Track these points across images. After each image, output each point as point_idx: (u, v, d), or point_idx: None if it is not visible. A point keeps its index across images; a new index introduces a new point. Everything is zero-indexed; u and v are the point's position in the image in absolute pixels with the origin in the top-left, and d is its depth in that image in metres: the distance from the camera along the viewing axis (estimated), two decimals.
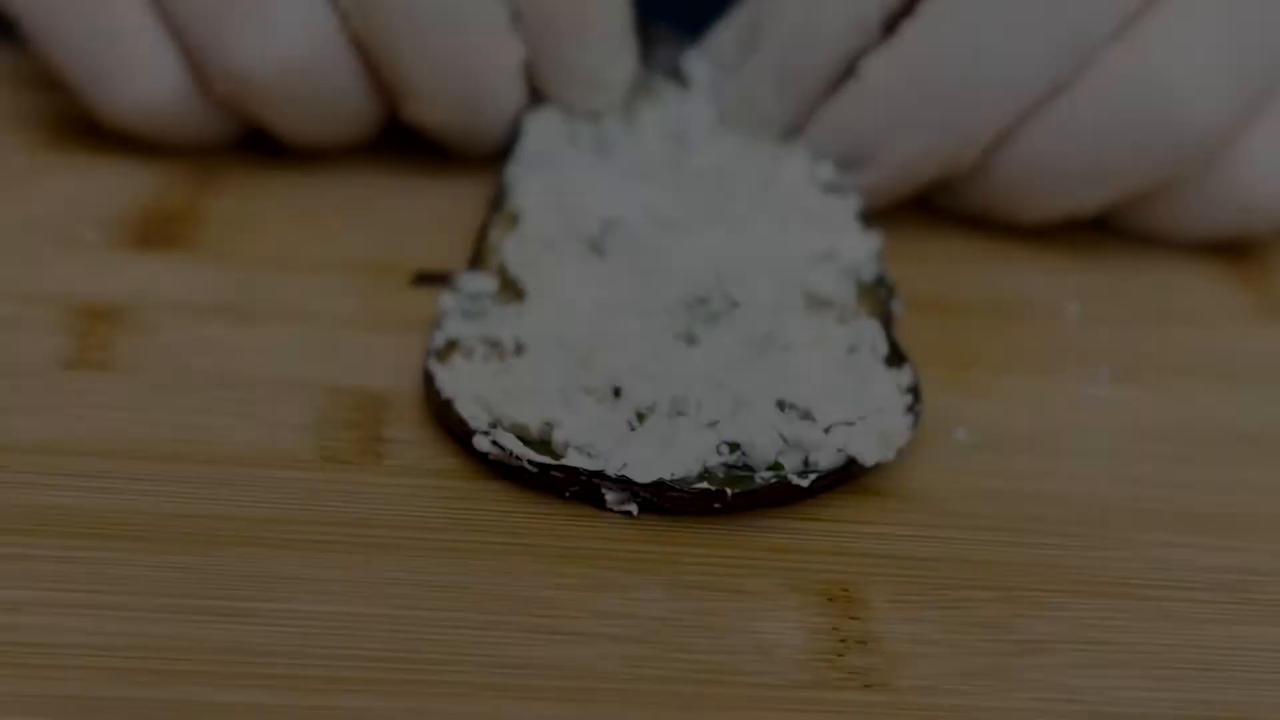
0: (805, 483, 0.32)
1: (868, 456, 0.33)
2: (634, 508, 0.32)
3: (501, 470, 0.33)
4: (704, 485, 0.32)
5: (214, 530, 0.31)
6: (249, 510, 0.31)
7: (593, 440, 0.32)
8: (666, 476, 0.32)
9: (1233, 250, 0.44)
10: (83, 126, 0.43)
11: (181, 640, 0.28)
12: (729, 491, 0.32)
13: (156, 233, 0.40)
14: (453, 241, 0.40)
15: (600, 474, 0.32)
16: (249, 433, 0.34)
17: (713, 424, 0.33)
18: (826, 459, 0.33)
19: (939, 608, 0.31)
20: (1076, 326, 0.41)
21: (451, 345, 0.35)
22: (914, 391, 0.35)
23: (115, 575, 0.29)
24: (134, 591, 0.29)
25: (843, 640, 0.30)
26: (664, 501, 0.32)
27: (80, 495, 0.31)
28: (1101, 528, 0.33)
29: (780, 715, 0.28)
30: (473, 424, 0.33)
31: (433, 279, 0.39)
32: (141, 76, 0.40)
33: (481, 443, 0.32)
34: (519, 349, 0.35)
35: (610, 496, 0.32)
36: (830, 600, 0.31)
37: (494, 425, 0.33)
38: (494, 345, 0.35)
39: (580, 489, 0.32)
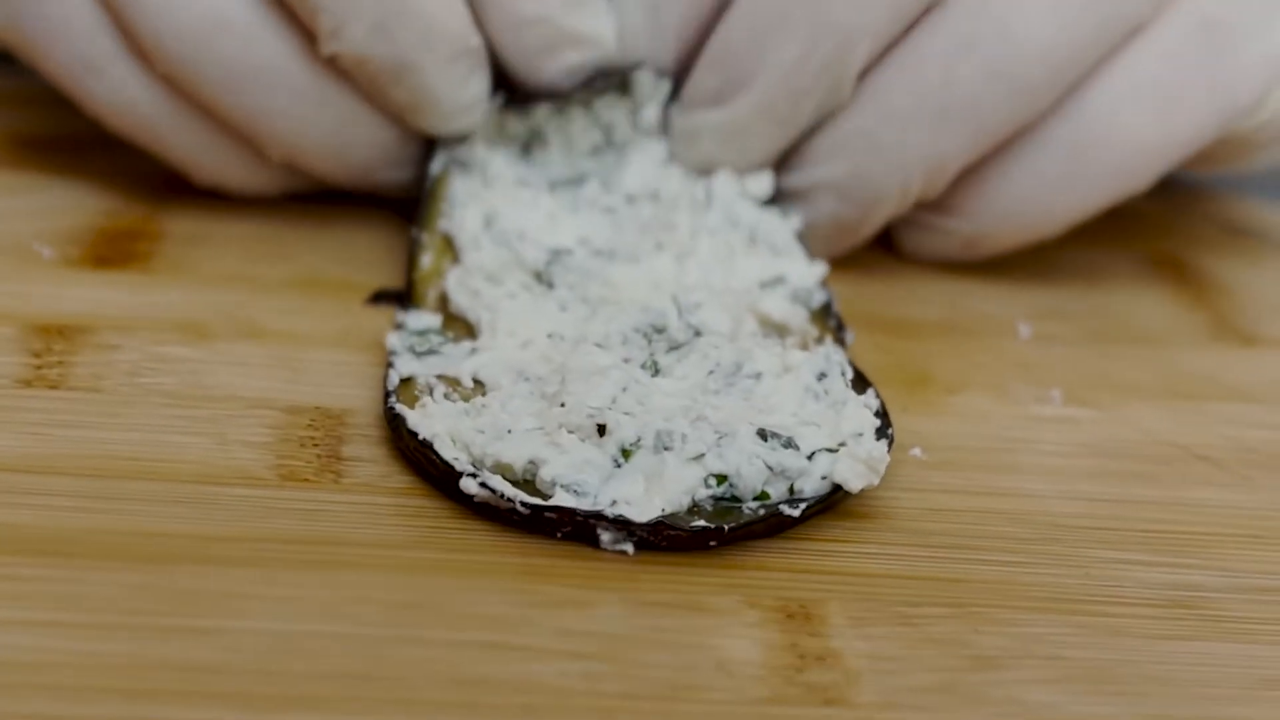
0: (797, 512, 0.32)
1: (854, 483, 0.33)
2: (630, 547, 0.32)
3: (483, 510, 0.32)
4: (701, 524, 0.32)
5: (169, 548, 0.31)
6: (205, 528, 0.31)
7: (579, 479, 0.32)
8: (660, 514, 0.32)
9: (1184, 270, 0.44)
10: (39, 145, 0.43)
11: (135, 658, 0.28)
12: (726, 528, 0.32)
13: (113, 251, 0.40)
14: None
15: (596, 514, 0.32)
16: (206, 451, 0.33)
17: (698, 457, 0.33)
18: (812, 486, 0.33)
19: (896, 624, 0.31)
20: (1029, 346, 0.41)
21: (407, 382, 0.35)
22: (882, 415, 0.35)
23: (68, 594, 0.29)
24: (87, 609, 0.29)
25: (801, 657, 0.30)
26: (661, 540, 0.32)
27: (35, 514, 0.31)
28: (1055, 545, 0.34)
29: None
30: (458, 466, 0.32)
31: (389, 297, 0.39)
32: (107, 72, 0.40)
33: (469, 485, 0.32)
34: (478, 385, 0.35)
35: (605, 537, 0.32)
36: (789, 617, 0.31)
37: (478, 466, 0.33)
38: (453, 383, 0.35)
39: (573, 530, 0.32)
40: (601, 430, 0.33)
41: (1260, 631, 0.32)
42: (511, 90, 0.41)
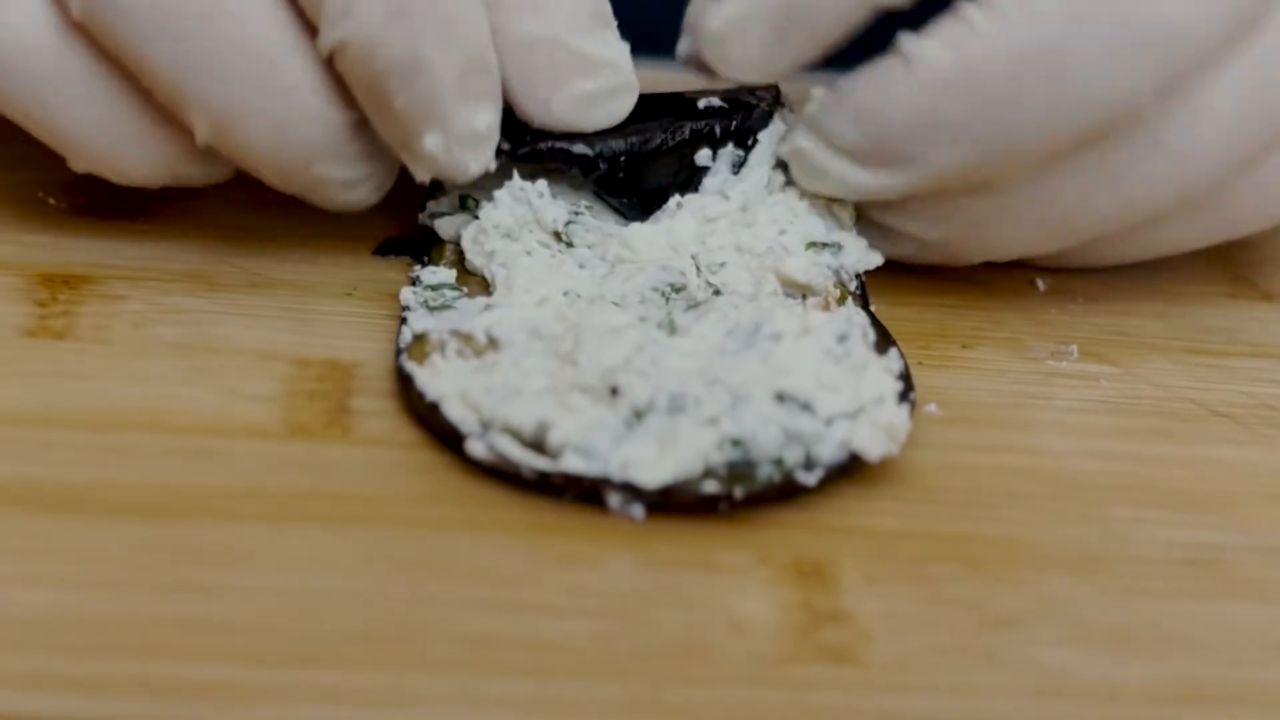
0: (813, 481, 0.32)
1: (872, 451, 0.32)
2: (639, 511, 0.31)
3: (490, 471, 0.32)
4: (710, 489, 0.31)
5: (176, 502, 0.30)
6: (214, 482, 0.31)
7: (590, 440, 0.32)
8: (670, 478, 0.31)
9: None
10: None
11: (143, 615, 0.28)
12: (736, 495, 0.31)
13: (120, 201, 0.40)
14: (417, 213, 0.40)
15: (604, 479, 0.31)
16: (214, 404, 0.33)
17: (713, 420, 0.32)
18: (829, 451, 0.32)
19: (910, 583, 0.31)
20: (1045, 300, 0.40)
21: (420, 339, 0.34)
22: (905, 377, 0.34)
23: (76, 549, 0.29)
24: (95, 565, 0.29)
25: (814, 616, 0.30)
26: (670, 505, 0.31)
27: (41, 467, 0.31)
28: (1071, 503, 0.33)
29: (752, 691, 0.28)
30: (464, 428, 0.32)
31: (398, 247, 0.39)
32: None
33: (475, 448, 0.32)
34: (492, 342, 0.34)
35: (614, 500, 0.31)
36: (802, 575, 0.30)
37: (486, 428, 0.32)
38: (466, 339, 0.34)
39: (581, 493, 0.31)
40: (614, 392, 0.32)
41: (1276, 593, 0.31)
42: (522, 142, 0.37)
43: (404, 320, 0.35)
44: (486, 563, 0.30)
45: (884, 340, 0.35)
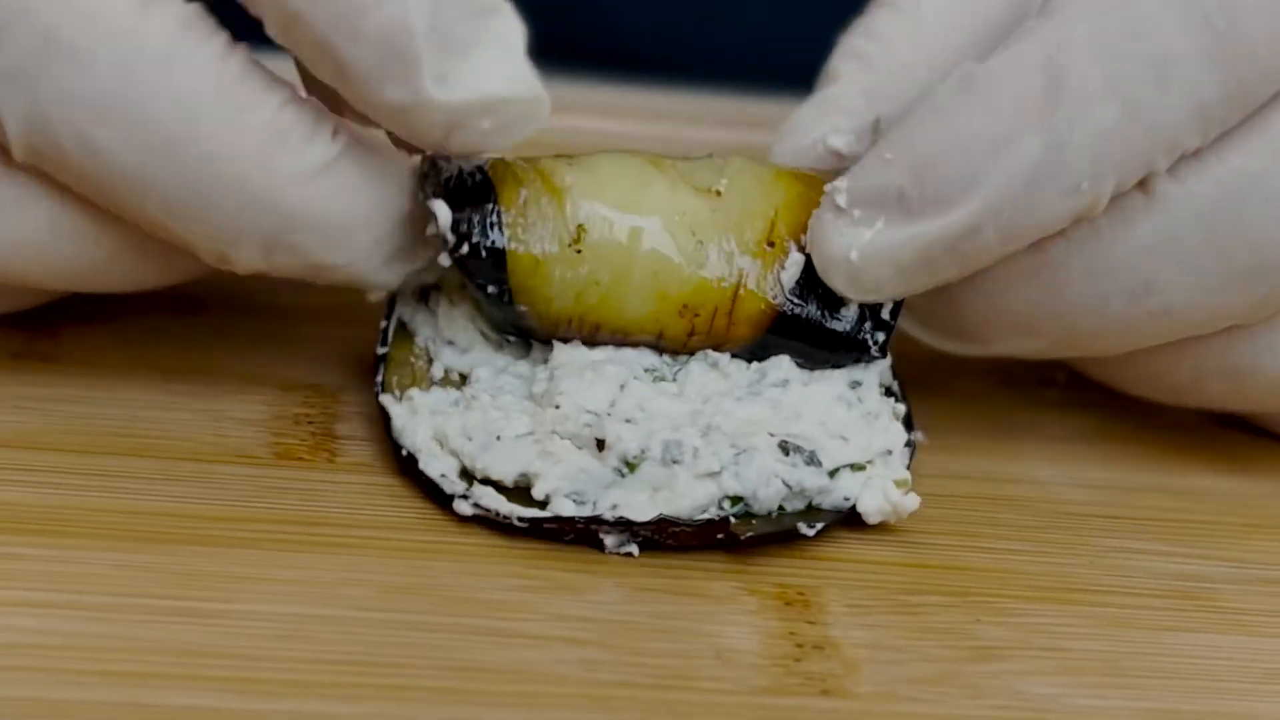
0: (812, 532, 0.31)
1: (873, 516, 0.32)
2: (634, 549, 0.31)
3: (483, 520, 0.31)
4: (707, 516, 0.31)
5: (164, 528, 0.30)
6: (201, 508, 0.31)
7: (579, 487, 0.31)
8: (668, 512, 0.31)
9: None
10: None
11: (130, 641, 0.28)
12: (732, 521, 0.31)
13: None
14: None
15: (596, 519, 0.31)
16: (200, 428, 0.33)
17: (713, 474, 0.31)
18: (831, 501, 0.32)
19: (896, 613, 0.31)
20: None
21: (403, 344, 0.34)
22: (908, 421, 0.34)
23: (64, 573, 0.29)
24: (82, 590, 0.29)
25: (800, 645, 0.30)
26: (666, 538, 0.31)
27: (28, 491, 0.31)
28: (1058, 532, 0.33)
29: None
30: (446, 488, 0.31)
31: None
32: None
33: (462, 508, 0.31)
34: (462, 378, 0.33)
35: (609, 540, 0.31)
36: (787, 604, 0.30)
37: (468, 477, 0.31)
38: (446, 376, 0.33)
39: (576, 536, 0.31)
40: (600, 445, 0.31)
41: (1267, 624, 0.32)
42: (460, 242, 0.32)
43: (378, 354, 0.34)
44: (474, 590, 0.30)
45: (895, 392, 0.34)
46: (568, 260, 0.32)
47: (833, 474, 0.32)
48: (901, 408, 0.34)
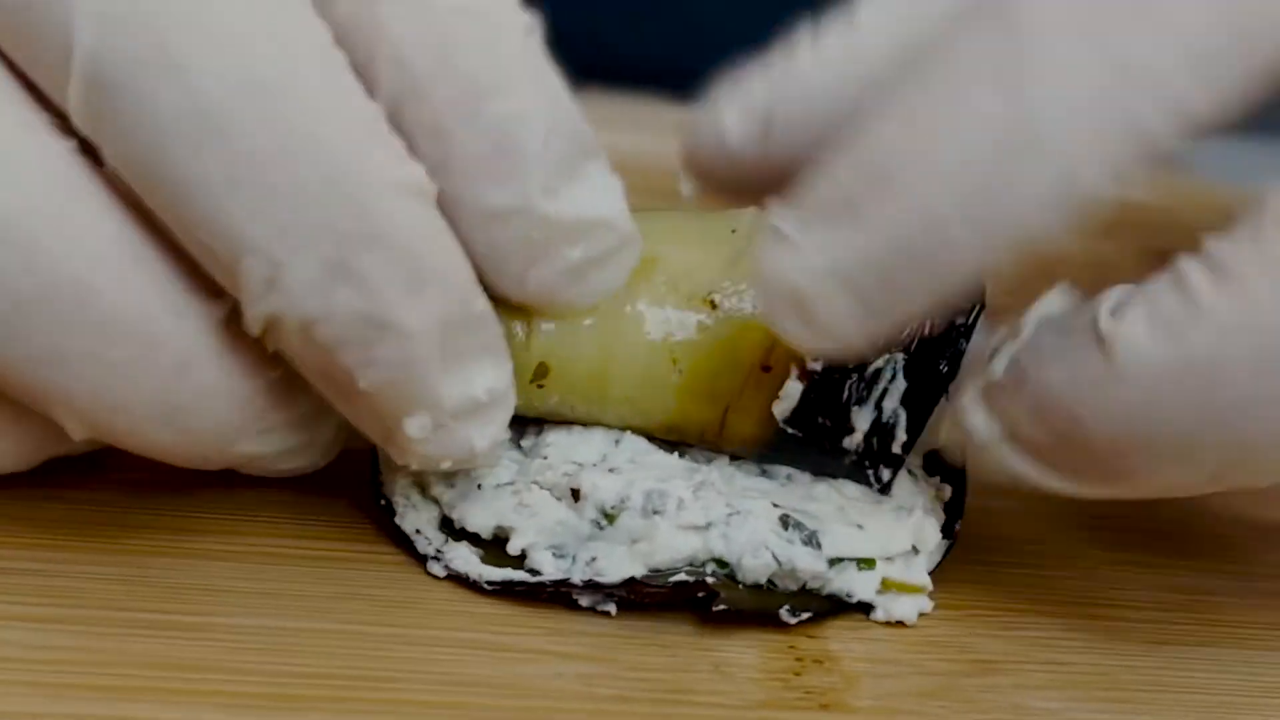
0: (794, 621, 0.30)
1: (879, 613, 0.30)
2: (612, 608, 0.29)
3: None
4: (681, 578, 0.29)
5: (156, 542, 0.30)
6: (193, 520, 0.31)
7: (558, 541, 0.29)
8: (639, 573, 0.29)
9: None
10: None
11: (117, 655, 0.27)
12: (711, 581, 0.29)
13: None
14: None
15: (564, 581, 0.29)
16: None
17: (697, 528, 0.29)
18: (830, 590, 0.30)
19: (895, 626, 0.30)
20: None
21: None
22: (955, 506, 0.31)
23: (54, 586, 0.29)
24: (67, 604, 0.28)
25: (799, 659, 0.29)
26: (641, 598, 0.29)
27: (15, 504, 0.30)
28: (1057, 545, 0.33)
29: None
30: (421, 547, 0.30)
31: None
32: None
33: (435, 569, 0.30)
34: None
35: (583, 600, 0.29)
36: None
37: (448, 526, 0.30)
38: None
39: (549, 596, 0.29)
40: (575, 495, 0.29)
41: (1268, 638, 0.31)
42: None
43: None
44: (469, 604, 0.30)
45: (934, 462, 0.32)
46: (532, 392, 0.29)
47: (833, 563, 0.29)
48: (947, 490, 0.31)
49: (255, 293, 0.26)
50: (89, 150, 0.26)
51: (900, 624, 0.30)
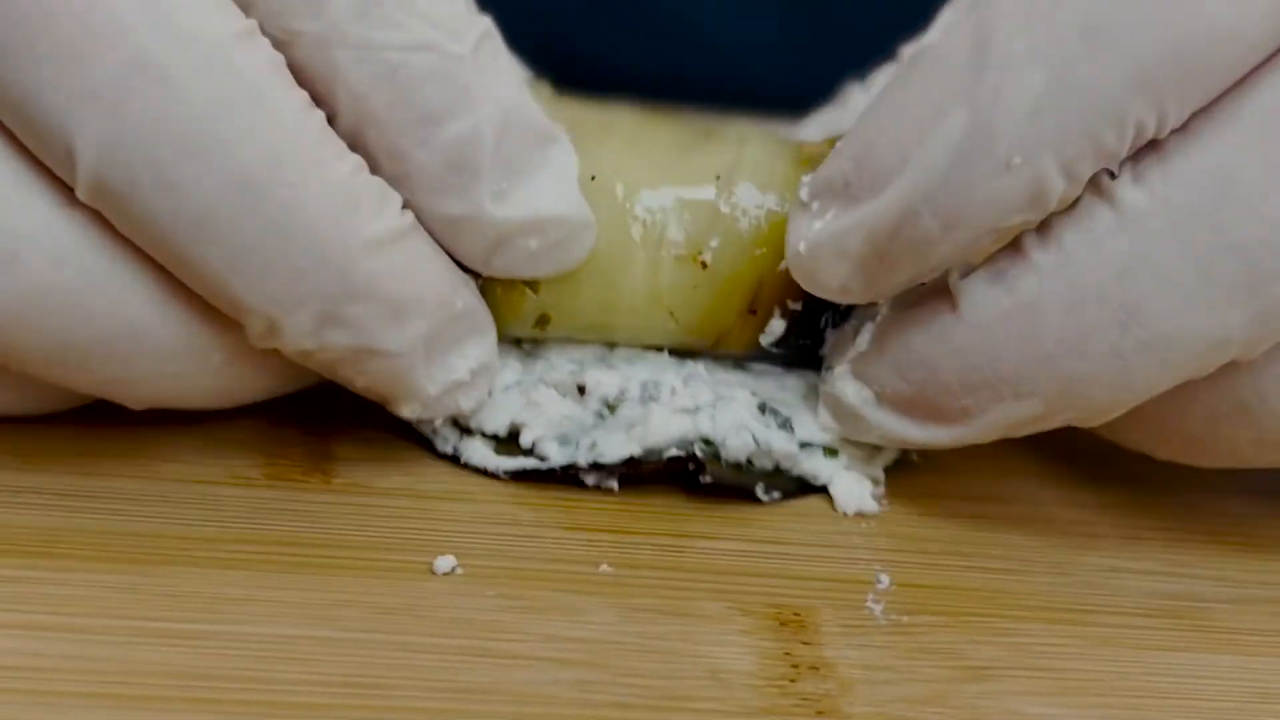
0: (768, 499, 0.33)
1: (841, 502, 0.33)
2: (614, 484, 0.33)
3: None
4: (674, 452, 0.32)
5: (157, 549, 0.30)
6: (193, 529, 0.31)
7: (564, 432, 0.33)
8: (636, 452, 0.32)
9: None
10: None
11: (119, 663, 0.28)
12: (699, 454, 0.32)
13: None
14: None
15: (571, 466, 0.33)
16: (194, 448, 0.33)
17: (688, 411, 0.33)
18: (799, 472, 0.33)
19: (890, 632, 0.31)
20: None
21: None
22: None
23: (53, 595, 0.29)
24: (72, 612, 0.28)
25: (795, 666, 0.29)
26: (638, 473, 0.33)
27: (19, 512, 0.31)
28: (1051, 551, 0.33)
29: None
30: (440, 447, 0.33)
31: None
32: None
33: (445, 445, 0.33)
34: None
35: (589, 479, 0.33)
36: (782, 624, 0.30)
37: (459, 428, 0.33)
38: None
39: (559, 478, 0.33)
40: (581, 390, 0.33)
41: (1260, 643, 0.32)
42: None
43: None
44: (466, 611, 0.30)
45: None
46: (534, 331, 0.33)
47: (803, 446, 0.33)
48: None
49: (256, 334, 0.30)
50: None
51: (896, 630, 0.31)
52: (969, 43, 0.29)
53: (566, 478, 0.33)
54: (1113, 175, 0.30)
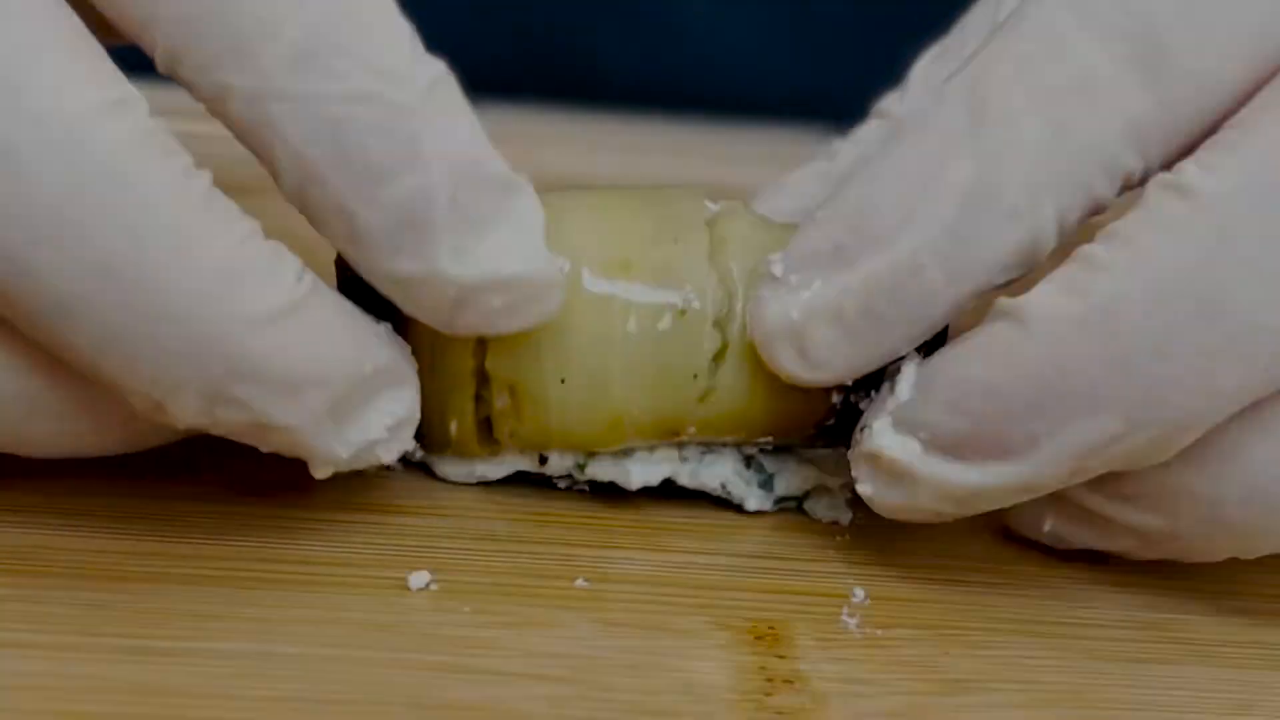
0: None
1: (823, 516, 0.34)
2: (585, 486, 0.33)
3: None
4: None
5: (135, 565, 0.30)
6: (173, 545, 0.31)
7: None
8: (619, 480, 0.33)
9: None
10: None
11: (95, 680, 0.28)
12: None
13: None
14: None
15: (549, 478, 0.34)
16: (167, 465, 0.33)
17: (671, 460, 0.33)
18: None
19: (865, 646, 0.31)
20: None
21: None
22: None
23: (25, 612, 0.29)
24: (45, 629, 0.29)
25: (770, 680, 0.29)
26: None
27: None
28: (1028, 565, 0.33)
29: None
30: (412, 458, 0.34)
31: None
32: None
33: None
34: None
35: (562, 484, 0.33)
36: (758, 638, 0.30)
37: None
38: None
39: (532, 479, 0.34)
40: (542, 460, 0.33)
41: (1237, 655, 0.32)
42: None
43: None
44: (444, 627, 0.30)
45: None
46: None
47: (779, 502, 0.34)
48: None
49: (143, 411, 0.28)
50: None
51: (871, 643, 0.31)
52: (966, 102, 0.30)
53: (542, 479, 0.33)
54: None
